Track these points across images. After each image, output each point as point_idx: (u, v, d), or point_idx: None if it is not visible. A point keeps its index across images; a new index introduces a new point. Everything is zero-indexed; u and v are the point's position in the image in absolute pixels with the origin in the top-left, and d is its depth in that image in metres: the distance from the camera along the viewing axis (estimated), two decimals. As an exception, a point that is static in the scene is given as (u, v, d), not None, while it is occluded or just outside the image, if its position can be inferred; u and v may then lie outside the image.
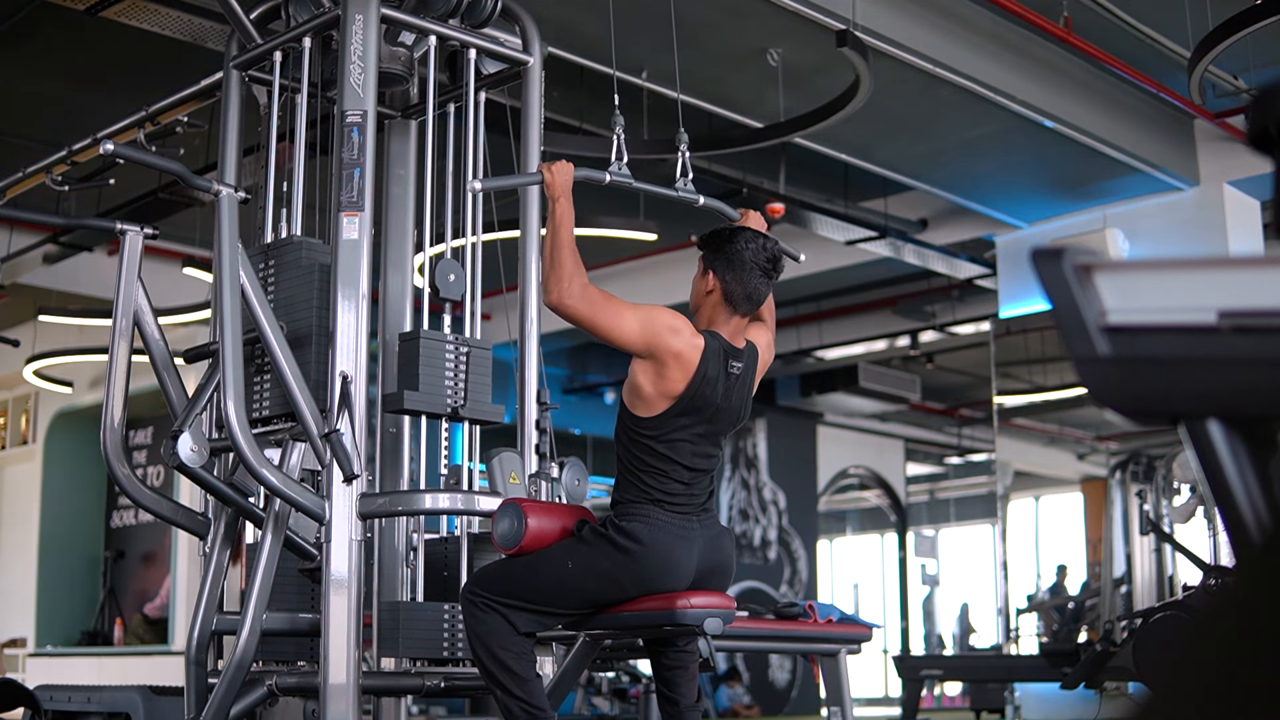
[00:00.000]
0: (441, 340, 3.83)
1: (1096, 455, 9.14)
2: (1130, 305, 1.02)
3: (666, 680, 3.33)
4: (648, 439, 3.14)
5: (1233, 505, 1.00)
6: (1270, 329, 0.96)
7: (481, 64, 4.19)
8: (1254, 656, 0.76)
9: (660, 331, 3.10)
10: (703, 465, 3.20)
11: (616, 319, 3.10)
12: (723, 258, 3.24)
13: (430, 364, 3.78)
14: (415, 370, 3.76)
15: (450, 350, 3.83)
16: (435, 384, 3.78)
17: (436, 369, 3.79)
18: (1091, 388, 1.04)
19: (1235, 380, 0.98)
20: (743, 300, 3.23)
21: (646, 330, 3.10)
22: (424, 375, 3.76)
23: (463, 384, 3.83)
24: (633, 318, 3.11)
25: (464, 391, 3.83)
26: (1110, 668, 5.98)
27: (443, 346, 3.82)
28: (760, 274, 3.24)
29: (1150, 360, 1.01)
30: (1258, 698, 0.75)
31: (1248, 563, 0.98)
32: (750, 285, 3.23)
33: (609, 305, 3.11)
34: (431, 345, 3.80)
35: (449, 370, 3.82)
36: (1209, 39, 5.53)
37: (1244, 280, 1.02)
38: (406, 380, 3.78)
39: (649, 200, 8.25)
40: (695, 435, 3.17)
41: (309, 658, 3.92)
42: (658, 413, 3.13)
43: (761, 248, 3.24)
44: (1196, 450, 1.01)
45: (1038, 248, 1.04)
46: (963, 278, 9.65)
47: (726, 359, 3.19)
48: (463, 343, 3.86)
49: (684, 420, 3.14)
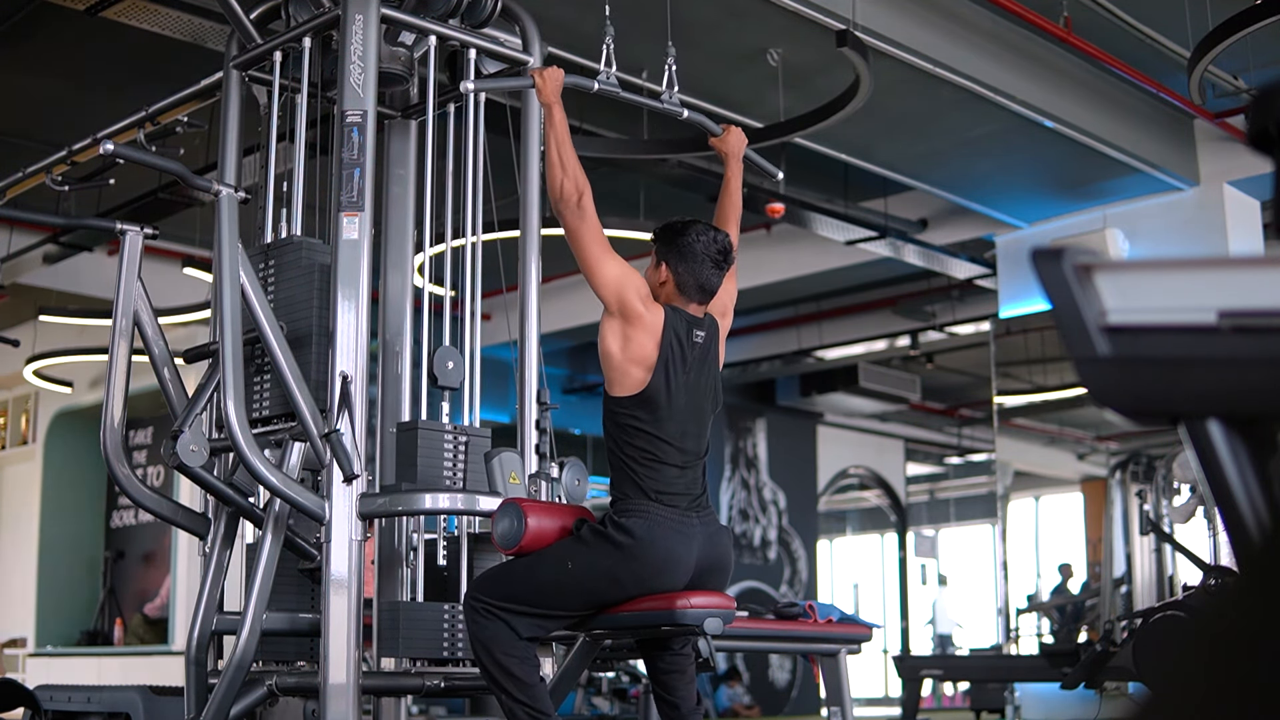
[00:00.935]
0: (439, 430, 3.83)
1: (1096, 455, 9.14)
2: (1130, 305, 1.02)
3: (664, 685, 3.33)
4: (634, 420, 3.16)
5: (1233, 505, 1.00)
6: (1270, 329, 0.96)
7: (481, 64, 4.18)
8: (1254, 656, 0.76)
9: (631, 289, 3.20)
10: (692, 447, 3.22)
11: (602, 251, 3.22)
12: (675, 250, 3.29)
13: (429, 455, 3.78)
14: (413, 462, 3.76)
15: (449, 440, 3.83)
16: (434, 475, 3.78)
17: (435, 459, 3.79)
18: (1091, 388, 1.04)
19: (1235, 380, 0.98)
20: (695, 290, 3.29)
21: (622, 281, 3.20)
22: (422, 466, 3.76)
23: (461, 473, 3.84)
24: (614, 263, 3.22)
25: (463, 480, 3.84)
26: (1110, 668, 5.98)
27: (440, 437, 3.82)
28: (712, 265, 3.28)
29: (1150, 360, 1.01)
30: (1257, 698, 0.75)
31: (1248, 563, 0.98)
32: (702, 276, 3.28)
33: (600, 237, 3.24)
34: (429, 436, 3.80)
35: (447, 460, 3.82)
36: (1209, 39, 5.53)
37: (1244, 280, 1.02)
38: (404, 473, 3.78)
39: (649, 200, 8.25)
40: (680, 411, 3.20)
41: (309, 658, 3.91)
42: (638, 389, 3.17)
43: (713, 240, 3.29)
44: (1196, 450, 1.01)
45: (1038, 248, 1.04)
46: (963, 278, 9.65)
47: (689, 327, 3.26)
48: (461, 432, 3.86)
49: (664, 393, 3.17)
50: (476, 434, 3.89)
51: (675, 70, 4.03)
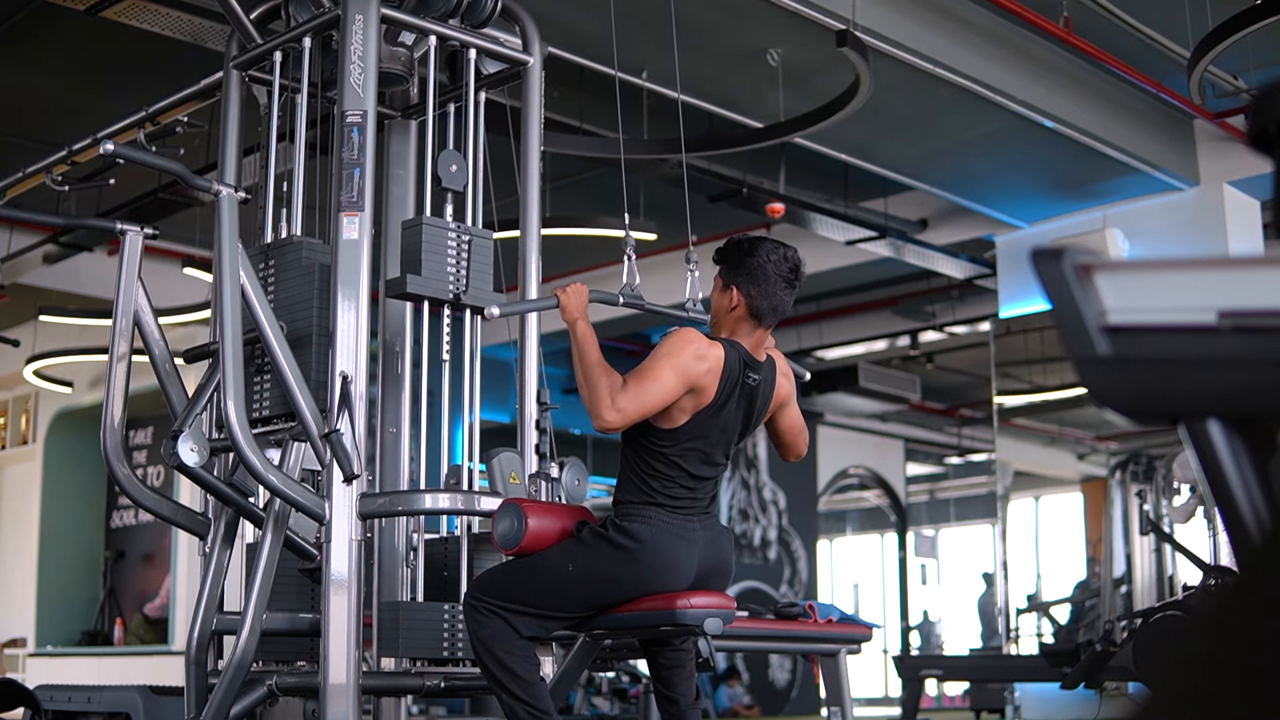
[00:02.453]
0: (444, 227, 3.85)
1: (1096, 455, 9.14)
2: (1130, 305, 1.02)
3: (665, 680, 3.33)
4: (660, 448, 3.13)
5: (1233, 505, 1.00)
6: (1270, 329, 0.96)
7: (481, 64, 4.18)
8: (1253, 657, 0.76)
9: (691, 367, 3.06)
10: (708, 473, 3.20)
11: (662, 393, 3.04)
12: (745, 272, 3.18)
13: (433, 250, 3.80)
14: (418, 256, 3.78)
15: (452, 237, 3.85)
16: (438, 270, 3.80)
17: (439, 256, 3.81)
18: (1091, 388, 1.04)
19: (1235, 380, 0.98)
20: (769, 313, 3.19)
21: (683, 378, 3.05)
22: (427, 261, 3.78)
23: (464, 271, 3.85)
24: (670, 378, 3.04)
25: (465, 279, 3.85)
26: (1110, 668, 5.98)
27: (444, 234, 3.84)
28: (784, 285, 3.18)
29: (1150, 360, 1.01)
30: (1257, 698, 0.75)
31: (1248, 563, 0.98)
32: (776, 298, 3.18)
33: (650, 389, 3.03)
34: (434, 232, 3.82)
35: (451, 257, 3.84)
36: (1209, 39, 5.53)
37: (1244, 280, 1.02)
38: (409, 265, 3.79)
39: (649, 200, 8.25)
40: (707, 445, 3.16)
41: (309, 658, 3.91)
42: (678, 425, 3.12)
43: (784, 258, 3.19)
44: (1196, 450, 1.01)
45: (1038, 248, 1.04)
46: (963, 278, 9.65)
47: (745, 369, 3.17)
48: (464, 230, 3.89)
49: (700, 430, 3.13)
50: (479, 234, 3.92)
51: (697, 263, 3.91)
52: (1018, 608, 9.17)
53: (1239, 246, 7.75)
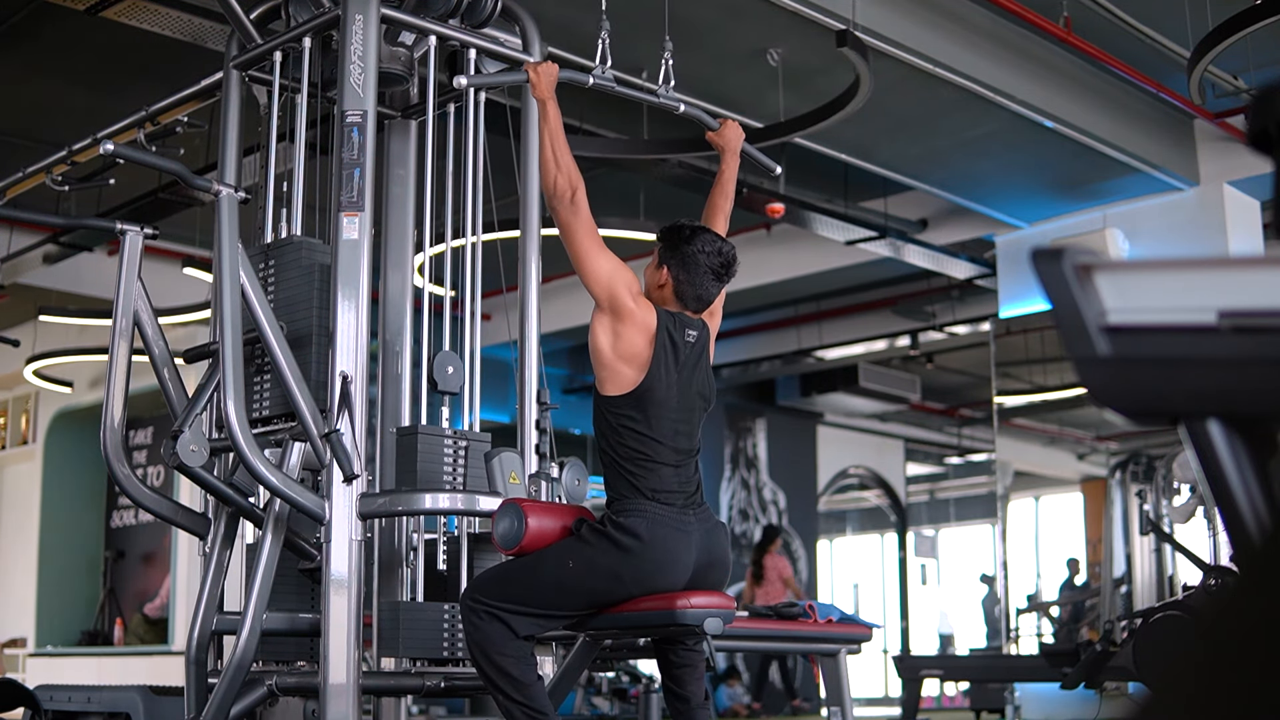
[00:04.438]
0: (439, 435, 3.83)
1: (1096, 455, 9.14)
2: (1130, 305, 1.02)
3: (675, 678, 3.34)
4: (626, 420, 3.16)
5: (1233, 505, 1.00)
6: (1270, 329, 0.96)
7: (482, 64, 4.18)
8: (1253, 657, 0.76)
9: (622, 284, 3.18)
10: (684, 445, 3.22)
11: (594, 246, 3.20)
12: (678, 256, 3.28)
13: (428, 460, 3.78)
14: (413, 467, 3.76)
15: (449, 445, 3.83)
16: (434, 479, 3.78)
17: (435, 464, 3.79)
18: (1091, 388, 1.04)
19: (1235, 380, 0.98)
20: (692, 300, 3.29)
21: (613, 276, 3.18)
22: (422, 471, 3.76)
23: (461, 477, 3.84)
24: (605, 258, 3.20)
25: (463, 484, 3.84)
26: (1110, 668, 5.98)
27: (440, 441, 3.82)
28: (712, 276, 3.28)
29: (1150, 360, 1.01)
30: (1257, 698, 0.75)
31: (1248, 563, 0.98)
32: (701, 286, 3.28)
33: (593, 233, 3.21)
34: (429, 441, 3.80)
35: (447, 464, 3.82)
36: (1209, 39, 5.53)
37: (1244, 280, 1.02)
38: (404, 478, 3.78)
39: (649, 200, 8.25)
40: (672, 410, 3.19)
41: (309, 658, 3.91)
42: (630, 388, 3.17)
43: (717, 251, 3.28)
44: (1196, 450, 1.01)
45: (1038, 248, 1.04)
46: (963, 278, 9.65)
47: (682, 327, 3.25)
48: (460, 436, 3.86)
49: (657, 391, 3.17)
50: (476, 438, 3.89)
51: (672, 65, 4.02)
52: (1018, 608, 9.17)
53: (1239, 246, 7.75)
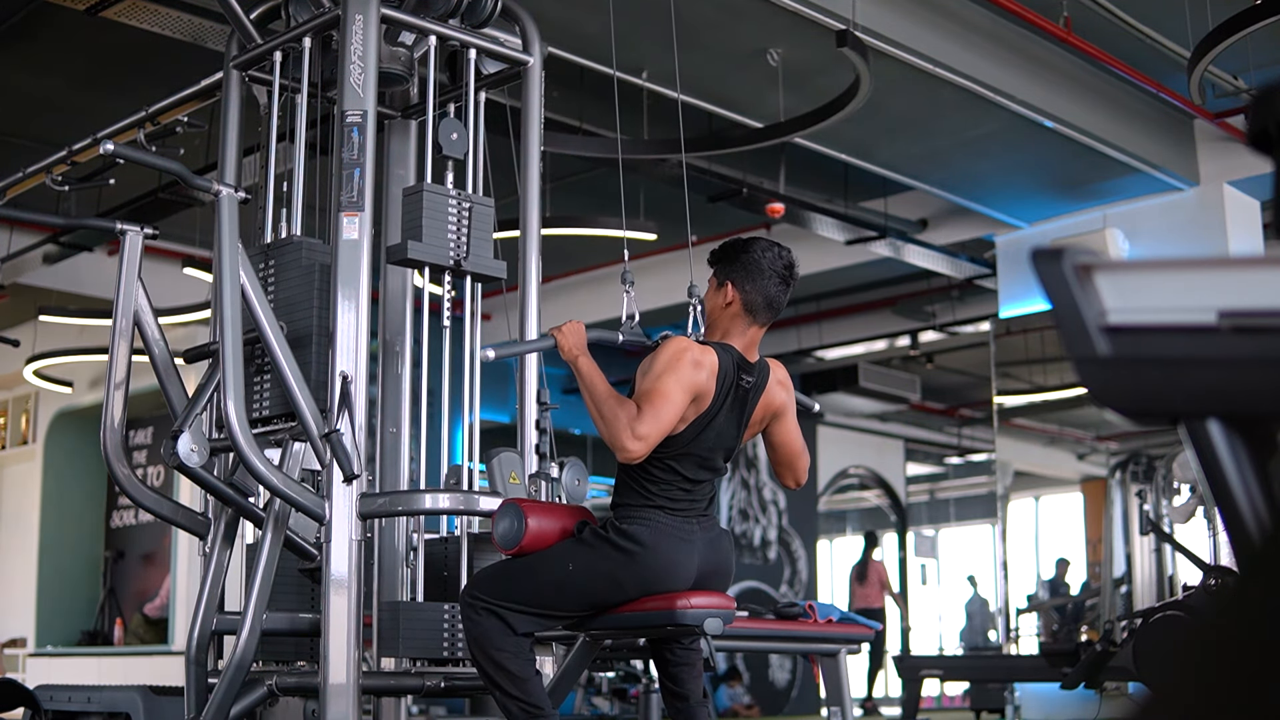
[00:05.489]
0: (444, 194, 3.85)
1: (1096, 455, 9.14)
2: (1130, 305, 1.02)
3: (673, 677, 3.33)
4: (658, 455, 3.12)
5: (1233, 505, 1.00)
6: (1270, 329, 0.96)
7: (481, 64, 4.18)
8: (1253, 657, 0.76)
9: (692, 376, 3.06)
10: (706, 477, 3.21)
11: (675, 410, 3.03)
12: (740, 268, 3.21)
13: (433, 216, 3.80)
14: (419, 222, 3.78)
15: (453, 204, 3.85)
16: (438, 236, 3.80)
17: (439, 222, 3.81)
18: (1091, 388, 1.04)
19: (1235, 380, 0.98)
20: (763, 309, 3.21)
21: (688, 388, 3.05)
22: (427, 227, 3.78)
23: (465, 238, 3.85)
24: (678, 392, 3.03)
25: (466, 245, 3.85)
26: (1110, 668, 5.98)
27: (445, 200, 3.84)
28: (779, 280, 3.22)
29: (1150, 360, 1.01)
30: (1257, 698, 0.75)
31: (1248, 563, 0.98)
32: (770, 292, 3.21)
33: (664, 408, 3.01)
34: (435, 198, 3.82)
35: (451, 224, 3.84)
36: (1209, 39, 5.53)
37: (1244, 280, 1.02)
38: (410, 231, 3.79)
39: (649, 200, 8.25)
40: (705, 449, 3.17)
41: (309, 658, 3.91)
42: (677, 433, 3.11)
43: (778, 255, 3.23)
44: (1196, 450, 1.01)
45: (1038, 248, 1.04)
46: (963, 278, 9.66)
47: (739, 372, 3.18)
48: (465, 198, 3.89)
49: (697, 436, 3.14)
50: (480, 201, 3.92)
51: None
52: (1018, 608, 9.16)
53: (1239, 246, 7.75)
